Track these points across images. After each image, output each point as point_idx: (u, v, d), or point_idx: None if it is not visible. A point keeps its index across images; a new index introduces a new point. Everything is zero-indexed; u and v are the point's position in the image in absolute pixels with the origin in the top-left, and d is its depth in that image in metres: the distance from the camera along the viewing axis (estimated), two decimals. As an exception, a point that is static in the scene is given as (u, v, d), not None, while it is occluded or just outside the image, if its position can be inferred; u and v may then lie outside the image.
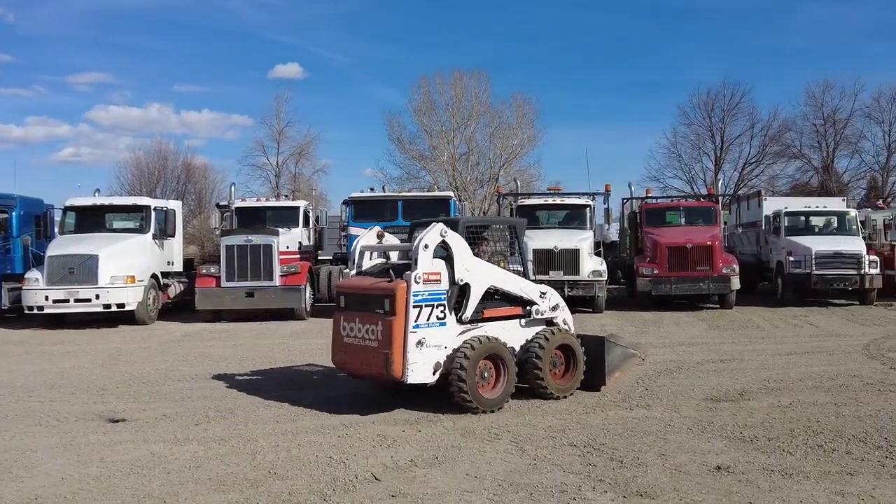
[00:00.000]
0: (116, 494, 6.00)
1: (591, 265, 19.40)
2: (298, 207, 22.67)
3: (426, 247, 8.37)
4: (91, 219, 19.78)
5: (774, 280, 21.89)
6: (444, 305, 8.51)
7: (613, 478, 6.16)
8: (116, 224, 20.11)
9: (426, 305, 8.35)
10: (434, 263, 8.45)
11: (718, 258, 19.55)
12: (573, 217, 21.63)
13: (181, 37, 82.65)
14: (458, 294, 8.64)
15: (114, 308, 17.81)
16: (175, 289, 20.39)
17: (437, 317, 8.45)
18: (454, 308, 8.60)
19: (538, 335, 9.18)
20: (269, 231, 19.58)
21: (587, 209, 21.62)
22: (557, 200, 22.79)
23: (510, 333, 9.15)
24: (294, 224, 21.83)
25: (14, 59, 75.97)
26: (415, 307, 8.25)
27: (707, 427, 7.74)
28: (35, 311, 17.77)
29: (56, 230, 20.51)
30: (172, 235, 20.39)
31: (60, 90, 77.87)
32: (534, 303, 9.41)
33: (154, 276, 19.10)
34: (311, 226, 23.21)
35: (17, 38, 76.14)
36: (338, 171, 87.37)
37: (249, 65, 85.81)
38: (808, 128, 50.18)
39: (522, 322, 9.34)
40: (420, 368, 8.30)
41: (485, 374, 8.56)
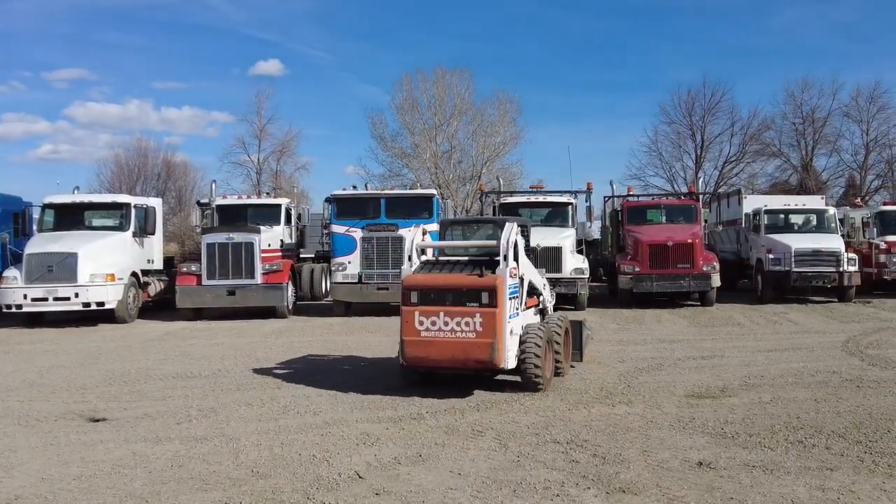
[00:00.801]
0: (98, 494, 5.95)
1: (574, 263, 19.50)
2: (280, 205, 22.52)
3: (515, 244, 9.23)
4: (70, 216, 19.55)
5: (754, 277, 22.06)
6: (518, 297, 9.46)
7: (596, 474, 6.19)
8: (96, 222, 19.91)
9: (511, 298, 9.16)
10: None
11: (699, 256, 19.69)
12: (555, 215, 21.66)
13: (160, 33, 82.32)
14: (519, 287, 9.61)
15: (93, 306, 17.68)
16: (155, 287, 20.24)
17: (515, 307, 9.38)
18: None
19: (553, 320, 10.35)
20: (251, 229, 19.49)
21: (569, 207, 21.68)
22: (540, 198, 22.84)
23: (532, 320, 10.22)
24: (276, 222, 21.68)
25: (-10, 56, 75.21)
26: (508, 299, 9.03)
27: (689, 423, 7.80)
28: (13, 310, 17.60)
29: (34, 228, 20.25)
30: (152, 233, 20.24)
31: (38, 86, 77.32)
32: (542, 293, 10.70)
33: (134, 275, 18.94)
34: (293, 224, 23.07)
35: (-5, 35, 75.30)
36: (319, 169, 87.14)
37: (230, 61, 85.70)
38: (788, 126, 50.75)
39: (534, 310, 10.57)
40: (511, 355, 9.07)
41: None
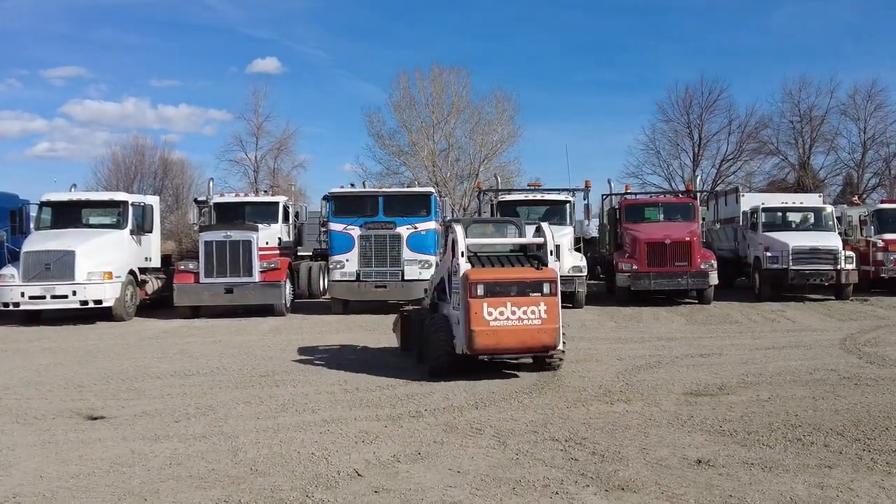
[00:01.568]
0: (96, 492, 5.94)
1: (571, 261, 19.50)
2: (278, 203, 22.51)
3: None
4: (67, 214, 19.51)
5: (752, 275, 22.07)
6: None
7: (595, 472, 6.19)
8: (93, 220, 19.88)
9: None
10: None
11: (697, 254, 19.70)
12: (553, 213, 21.64)
13: (157, 31, 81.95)
14: None
15: (91, 304, 17.67)
16: (153, 285, 20.21)
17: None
18: None
19: None
20: (249, 227, 19.47)
21: (567, 205, 21.72)
22: (538, 196, 22.86)
23: None
24: (273, 220, 21.66)
25: (-14, 53, 75.05)
26: None
27: (687, 421, 7.81)
28: (11, 308, 17.59)
29: (32, 226, 20.25)
30: (150, 231, 20.21)
31: (35, 84, 76.97)
32: None
33: (132, 272, 18.93)
34: (291, 221, 23.05)
35: (-10, 31, 75.09)
36: (317, 167, 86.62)
37: (227, 59, 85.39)
38: (785, 125, 50.68)
39: None
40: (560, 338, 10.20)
41: None
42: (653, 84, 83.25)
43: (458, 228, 10.36)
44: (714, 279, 19.70)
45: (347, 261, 18.83)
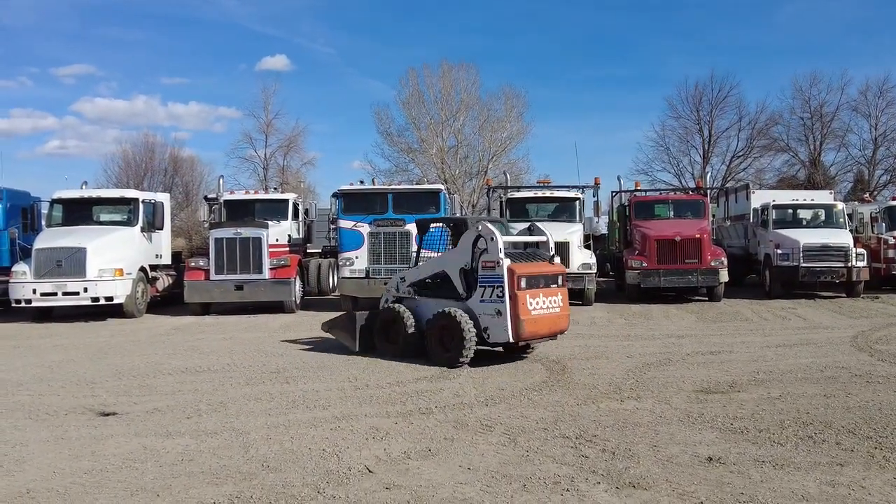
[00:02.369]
0: (109, 488, 5.98)
1: (581, 258, 19.48)
2: (287, 200, 22.58)
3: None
4: (78, 211, 19.63)
5: (762, 273, 22.00)
6: None
7: (606, 469, 6.19)
8: (104, 217, 19.98)
9: None
10: None
11: (707, 251, 19.64)
12: (562, 210, 21.67)
13: (166, 29, 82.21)
14: None
15: (102, 301, 17.76)
16: (163, 282, 20.33)
17: None
18: None
19: None
20: (259, 224, 19.53)
21: (576, 202, 21.67)
22: (547, 193, 22.82)
23: None
24: (283, 217, 21.75)
25: (-2, 51, 75.45)
26: None
27: (698, 418, 7.79)
28: (22, 305, 17.71)
29: (43, 223, 20.35)
30: (161, 228, 20.30)
31: (45, 82, 77.44)
32: None
33: (142, 269, 19.03)
34: (301, 219, 23.13)
35: (1, 30, 75.61)
36: (326, 164, 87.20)
37: (236, 57, 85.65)
38: (796, 121, 50.42)
39: None
40: None
41: None
42: (662, 80, 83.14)
43: (494, 229, 10.97)
44: (724, 276, 19.65)
45: (357, 258, 18.84)
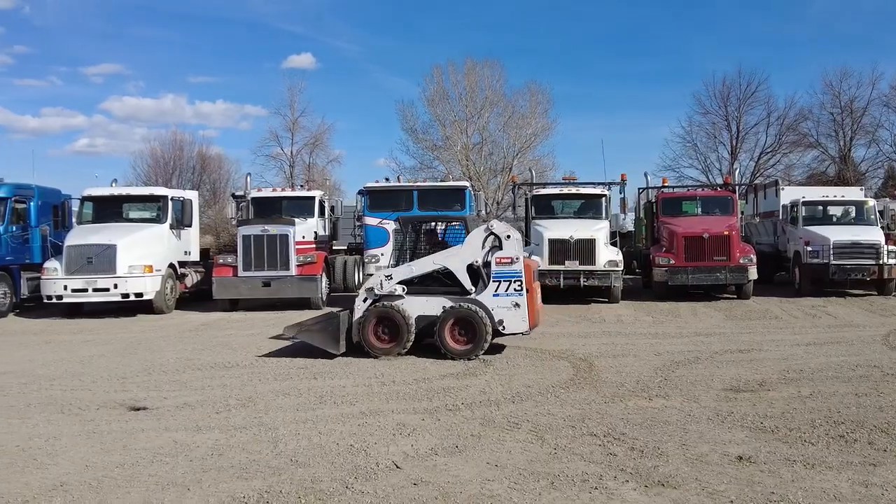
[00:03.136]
0: (140, 481, 6.06)
1: (607, 255, 19.34)
2: (314, 197, 22.70)
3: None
4: (108, 209, 19.87)
5: (792, 270, 21.73)
6: None
7: (634, 467, 6.16)
8: (133, 214, 20.21)
9: None
10: None
11: (735, 248, 19.43)
12: (589, 207, 21.56)
13: (192, 27, 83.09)
14: None
15: (132, 297, 17.96)
16: (192, 278, 20.52)
17: None
18: None
19: None
20: (286, 221, 19.65)
21: (603, 199, 21.54)
22: (573, 190, 22.70)
23: None
24: (310, 214, 21.87)
25: (29, 50, 76.99)
26: None
27: (727, 417, 7.72)
28: (54, 301, 17.95)
29: (74, 220, 20.67)
30: (189, 225, 20.48)
31: (75, 81, 78.58)
32: None
33: (171, 266, 19.22)
34: (327, 216, 23.25)
35: (33, 30, 76.78)
36: (351, 162, 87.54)
37: (262, 55, 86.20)
38: (825, 117, 49.75)
39: None
40: None
41: None
42: (689, 75, 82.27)
43: (510, 227, 11.55)
44: (753, 274, 19.42)
45: (382, 255, 18.91)
